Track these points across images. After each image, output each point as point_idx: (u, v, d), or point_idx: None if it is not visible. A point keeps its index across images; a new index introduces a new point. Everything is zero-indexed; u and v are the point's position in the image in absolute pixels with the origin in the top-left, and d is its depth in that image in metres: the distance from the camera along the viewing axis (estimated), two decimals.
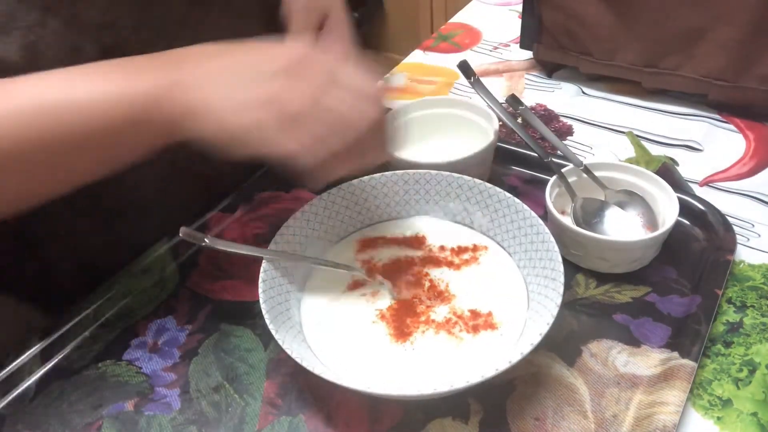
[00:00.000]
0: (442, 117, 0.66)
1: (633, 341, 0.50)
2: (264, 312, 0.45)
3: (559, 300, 0.44)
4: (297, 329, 0.48)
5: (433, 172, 0.56)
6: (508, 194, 0.53)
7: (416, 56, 0.89)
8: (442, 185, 0.56)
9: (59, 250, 0.57)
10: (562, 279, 0.46)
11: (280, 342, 0.43)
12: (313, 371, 0.41)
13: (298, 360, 0.42)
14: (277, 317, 0.46)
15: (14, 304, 0.56)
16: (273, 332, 0.44)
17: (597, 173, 0.58)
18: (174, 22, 0.54)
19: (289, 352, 0.42)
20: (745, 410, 0.46)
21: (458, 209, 0.56)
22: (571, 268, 0.56)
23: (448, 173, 0.55)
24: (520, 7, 0.82)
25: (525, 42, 0.83)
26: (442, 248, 0.55)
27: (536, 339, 0.42)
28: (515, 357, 0.41)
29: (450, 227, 0.57)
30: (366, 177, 0.56)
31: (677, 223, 0.54)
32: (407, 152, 0.64)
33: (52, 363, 0.50)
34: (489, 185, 0.54)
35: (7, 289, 0.56)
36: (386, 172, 0.56)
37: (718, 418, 0.45)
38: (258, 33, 0.61)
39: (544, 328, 0.43)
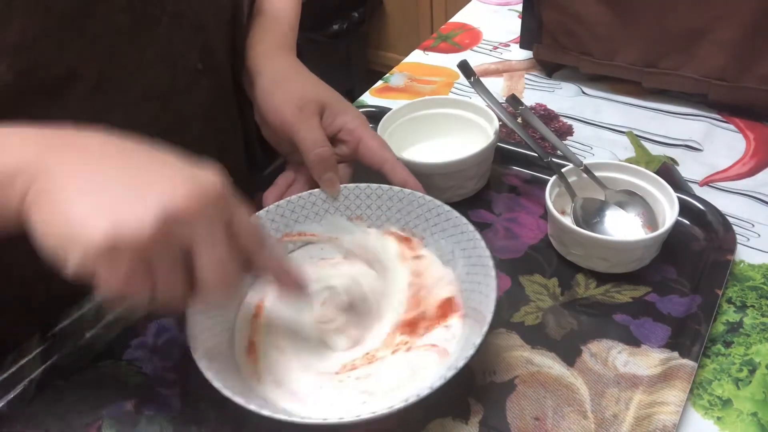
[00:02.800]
0: (442, 117, 0.66)
1: (633, 341, 0.50)
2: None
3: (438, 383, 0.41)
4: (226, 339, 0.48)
5: (446, 207, 0.52)
6: (486, 253, 0.48)
7: (416, 56, 0.89)
8: (441, 218, 0.52)
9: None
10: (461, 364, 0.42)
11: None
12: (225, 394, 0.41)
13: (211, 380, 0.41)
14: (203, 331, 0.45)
15: (14, 304, 0.56)
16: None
17: (597, 173, 0.58)
18: (114, 38, 0.51)
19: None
20: (745, 410, 0.46)
21: (447, 249, 0.52)
22: (571, 268, 0.56)
23: (449, 208, 0.52)
24: (520, 7, 0.82)
25: (525, 42, 0.83)
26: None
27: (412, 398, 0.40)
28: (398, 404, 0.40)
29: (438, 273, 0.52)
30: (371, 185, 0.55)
31: (677, 223, 0.54)
32: (407, 152, 0.65)
33: (52, 363, 0.50)
34: (478, 236, 0.49)
35: (6, 292, 0.56)
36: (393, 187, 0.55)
37: (718, 418, 0.45)
38: (212, 46, 0.61)
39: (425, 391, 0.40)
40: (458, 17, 0.97)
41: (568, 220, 0.55)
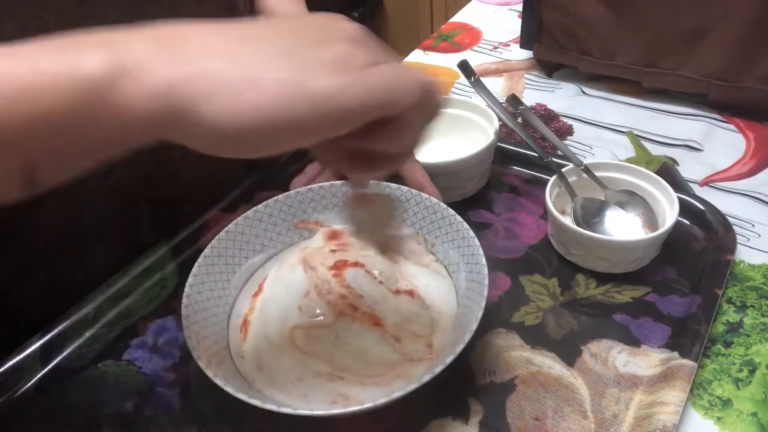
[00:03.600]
0: (442, 117, 0.66)
1: (633, 341, 0.50)
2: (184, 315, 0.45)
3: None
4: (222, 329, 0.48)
5: (458, 217, 0.52)
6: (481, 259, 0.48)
7: (416, 56, 0.89)
8: (452, 228, 0.52)
9: (54, 273, 0.56)
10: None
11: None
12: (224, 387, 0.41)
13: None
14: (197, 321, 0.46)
15: (14, 305, 0.56)
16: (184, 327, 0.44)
17: (597, 173, 0.58)
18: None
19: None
20: (745, 410, 0.46)
21: (454, 259, 0.52)
22: (571, 268, 0.56)
23: (460, 219, 0.52)
24: (520, 7, 0.82)
25: (525, 42, 0.83)
26: None
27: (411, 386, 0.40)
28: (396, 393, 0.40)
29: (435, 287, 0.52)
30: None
31: (677, 223, 0.54)
32: None
33: (52, 363, 0.50)
34: (481, 252, 0.49)
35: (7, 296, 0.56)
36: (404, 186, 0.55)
37: (718, 418, 0.45)
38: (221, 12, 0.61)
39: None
40: (458, 17, 0.97)
41: (568, 220, 0.55)
